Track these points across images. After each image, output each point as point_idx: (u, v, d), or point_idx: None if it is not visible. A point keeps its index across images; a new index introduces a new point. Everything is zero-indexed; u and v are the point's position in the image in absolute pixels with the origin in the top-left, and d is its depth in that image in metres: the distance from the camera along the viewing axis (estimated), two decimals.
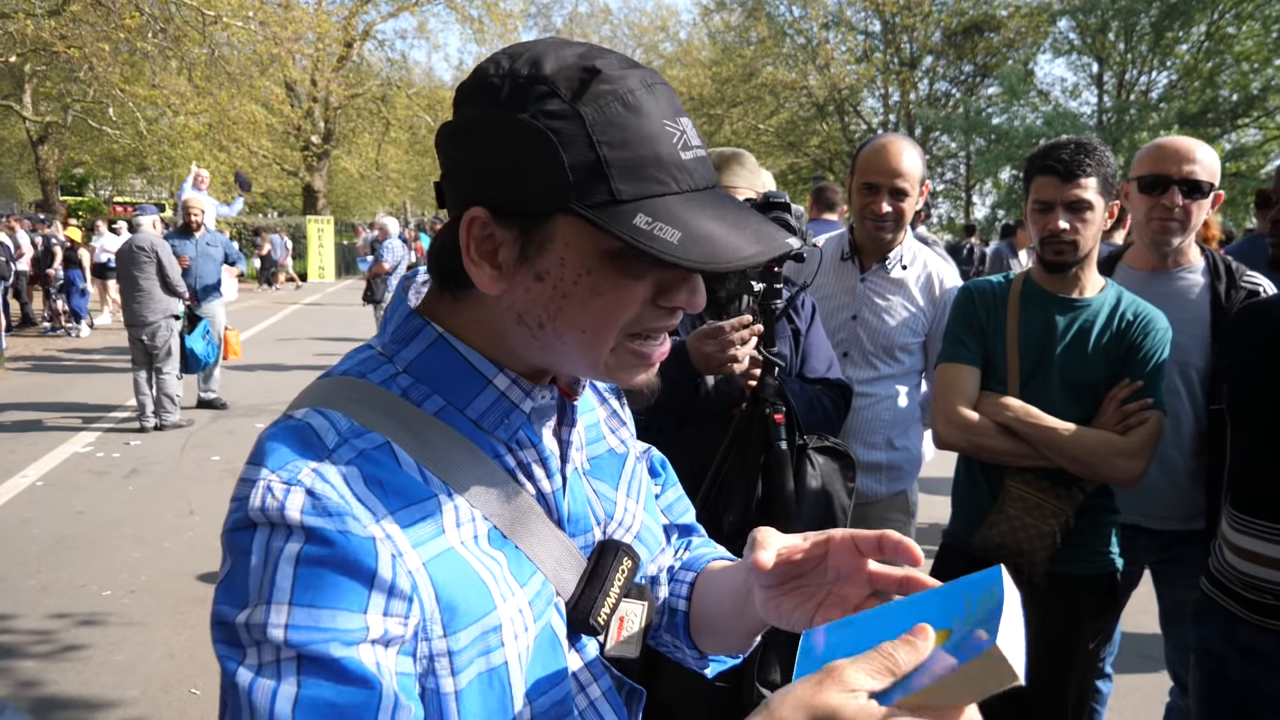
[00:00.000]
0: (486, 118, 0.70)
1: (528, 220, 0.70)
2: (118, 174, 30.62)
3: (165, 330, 7.10)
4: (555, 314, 0.72)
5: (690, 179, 0.70)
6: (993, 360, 2.04)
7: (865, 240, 2.48)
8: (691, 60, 32.22)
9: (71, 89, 18.93)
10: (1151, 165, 2.20)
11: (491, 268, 0.72)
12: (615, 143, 0.67)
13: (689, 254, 0.65)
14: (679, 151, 0.69)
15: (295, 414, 0.74)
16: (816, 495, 1.89)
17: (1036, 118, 22.96)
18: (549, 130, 0.67)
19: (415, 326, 0.78)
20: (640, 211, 0.66)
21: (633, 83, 0.69)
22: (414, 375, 0.77)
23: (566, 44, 0.72)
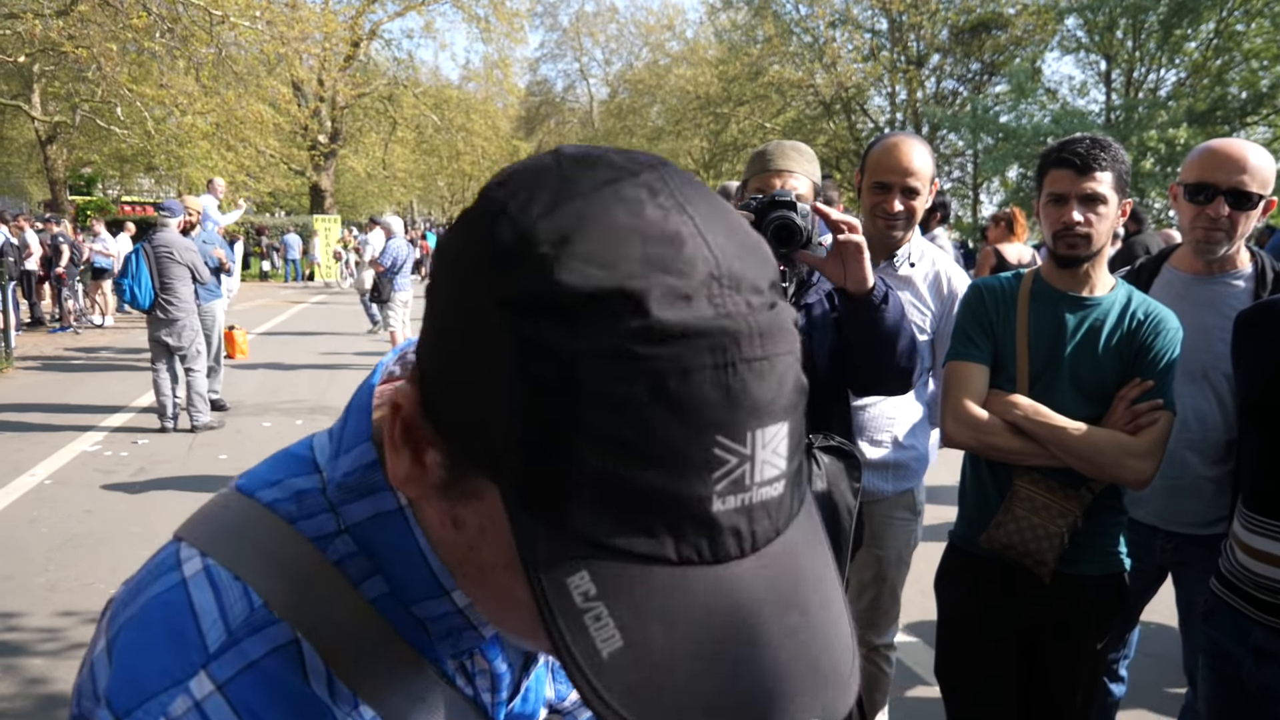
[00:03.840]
0: (465, 283, 0.45)
1: (458, 452, 0.47)
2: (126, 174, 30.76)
3: (191, 329, 7.12)
4: (465, 577, 0.53)
5: (709, 547, 0.42)
6: (1002, 358, 2.03)
7: (873, 238, 2.47)
8: (698, 59, 32.23)
9: (79, 89, 19.01)
10: (1200, 172, 2.13)
11: (413, 463, 0.49)
12: (605, 442, 0.40)
13: (612, 693, 0.39)
14: (713, 498, 0.41)
15: (182, 559, 0.54)
16: (821, 494, 1.88)
17: (1044, 116, 22.90)
18: (522, 367, 0.41)
19: (375, 482, 0.56)
20: (587, 569, 0.41)
21: (695, 356, 0.40)
22: (356, 542, 0.56)
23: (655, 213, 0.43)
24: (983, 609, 2.07)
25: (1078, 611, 2.00)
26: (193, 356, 7.11)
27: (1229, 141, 2.16)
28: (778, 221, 1.81)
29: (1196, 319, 2.18)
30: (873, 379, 2.07)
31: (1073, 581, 1.98)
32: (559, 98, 44.09)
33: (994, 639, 2.05)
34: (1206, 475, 2.20)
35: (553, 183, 0.44)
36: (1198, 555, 2.24)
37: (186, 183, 20.99)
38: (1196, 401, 2.18)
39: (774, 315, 0.43)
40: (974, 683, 2.09)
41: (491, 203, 0.45)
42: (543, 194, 0.44)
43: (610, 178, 0.44)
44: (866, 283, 1.87)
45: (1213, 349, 2.17)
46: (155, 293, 6.94)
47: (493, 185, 0.47)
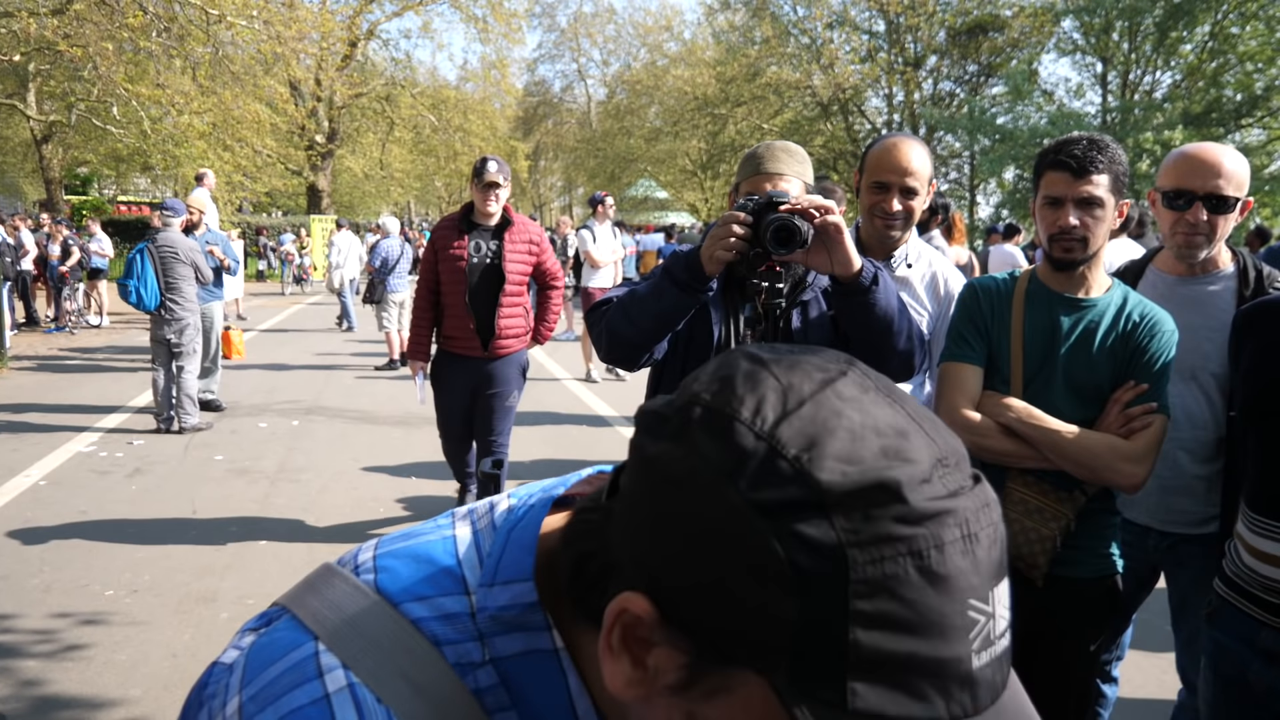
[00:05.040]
0: (709, 490, 0.46)
1: (707, 652, 0.47)
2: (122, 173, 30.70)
3: (193, 329, 7.11)
4: None
5: (971, 701, 0.45)
6: (996, 359, 2.03)
7: (871, 238, 2.47)
8: (696, 60, 32.23)
9: (75, 88, 18.96)
10: (1176, 178, 2.15)
11: (634, 666, 0.50)
12: (880, 622, 0.43)
13: None
14: (972, 655, 0.44)
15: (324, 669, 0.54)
16: None
17: (1041, 117, 22.94)
18: (791, 564, 0.43)
19: (533, 622, 0.57)
20: None
21: (947, 531, 0.44)
22: (498, 674, 0.56)
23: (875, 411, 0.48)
24: None
25: (1070, 614, 2.00)
26: (187, 355, 7.10)
27: (1204, 146, 2.17)
28: (777, 223, 1.81)
29: (1182, 319, 2.18)
30: (875, 367, 2.06)
31: (1066, 584, 1.98)
32: (557, 98, 44.06)
33: None
34: (1198, 474, 2.22)
35: (773, 387, 0.48)
36: (1192, 554, 2.25)
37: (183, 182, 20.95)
38: (1185, 401, 2.19)
39: (984, 488, 0.48)
40: None
41: (716, 415, 0.47)
42: (770, 399, 0.47)
43: (824, 379, 0.49)
44: (853, 265, 1.87)
45: (1200, 349, 2.18)
46: (160, 293, 6.93)
47: (701, 394, 0.49)
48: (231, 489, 5.60)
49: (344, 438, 7.03)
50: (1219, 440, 2.19)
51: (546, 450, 6.56)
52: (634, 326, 2.00)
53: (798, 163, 2.15)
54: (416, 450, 6.43)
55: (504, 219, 4.38)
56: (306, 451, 6.57)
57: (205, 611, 3.86)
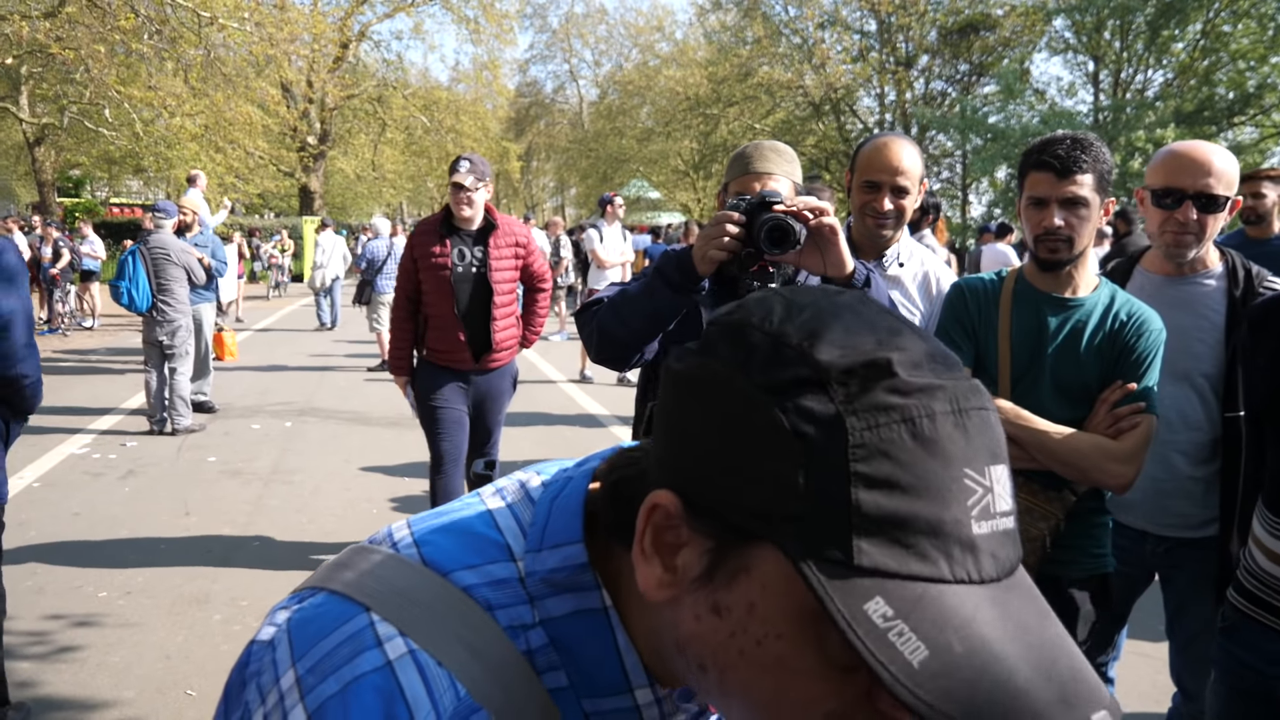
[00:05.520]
0: (727, 382, 0.51)
1: (727, 533, 0.51)
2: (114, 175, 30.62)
3: (185, 331, 7.09)
4: (725, 668, 0.53)
5: (974, 566, 0.47)
6: (984, 359, 2.04)
7: (862, 238, 2.48)
8: (687, 60, 32.25)
9: (68, 90, 18.91)
10: (1165, 176, 2.13)
11: (664, 569, 0.54)
12: (879, 482, 0.46)
13: (932, 694, 0.43)
14: (971, 520, 0.47)
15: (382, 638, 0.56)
16: None
17: (1033, 116, 22.99)
18: (796, 434, 0.48)
19: (583, 582, 0.60)
20: (880, 594, 0.45)
21: (938, 403, 0.48)
22: (549, 634, 0.59)
23: (866, 316, 0.52)
24: None
25: (1061, 615, 2.01)
26: (179, 357, 7.09)
27: (1194, 145, 2.15)
28: (771, 223, 1.80)
29: (1172, 320, 2.16)
30: None
31: (1056, 584, 1.98)
32: (549, 99, 44.01)
33: None
34: (1194, 475, 2.20)
35: (780, 301, 0.54)
36: (1189, 558, 2.23)
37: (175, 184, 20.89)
38: (1179, 402, 2.18)
39: (977, 383, 0.52)
40: None
41: (730, 325, 0.54)
42: (777, 308, 0.53)
43: (826, 293, 0.55)
44: (846, 266, 1.87)
45: (1191, 349, 2.17)
46: (152, 295, 6.92)
47: (719, 317, 0.55)
48: (225, 490, 5.60)
49: (337, 439, 7.03)
50: (1214, 441, 2.18)
51: (539, 451, 6.56)
52: (625, 326, 2.00)
53: (786, 162, 2.16)
54: (409, 451, 6.43)
55: (487, 223, 4.03)
56: (299, 453, 6.57)
57: (198, 613, 3.85)
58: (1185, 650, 2.31)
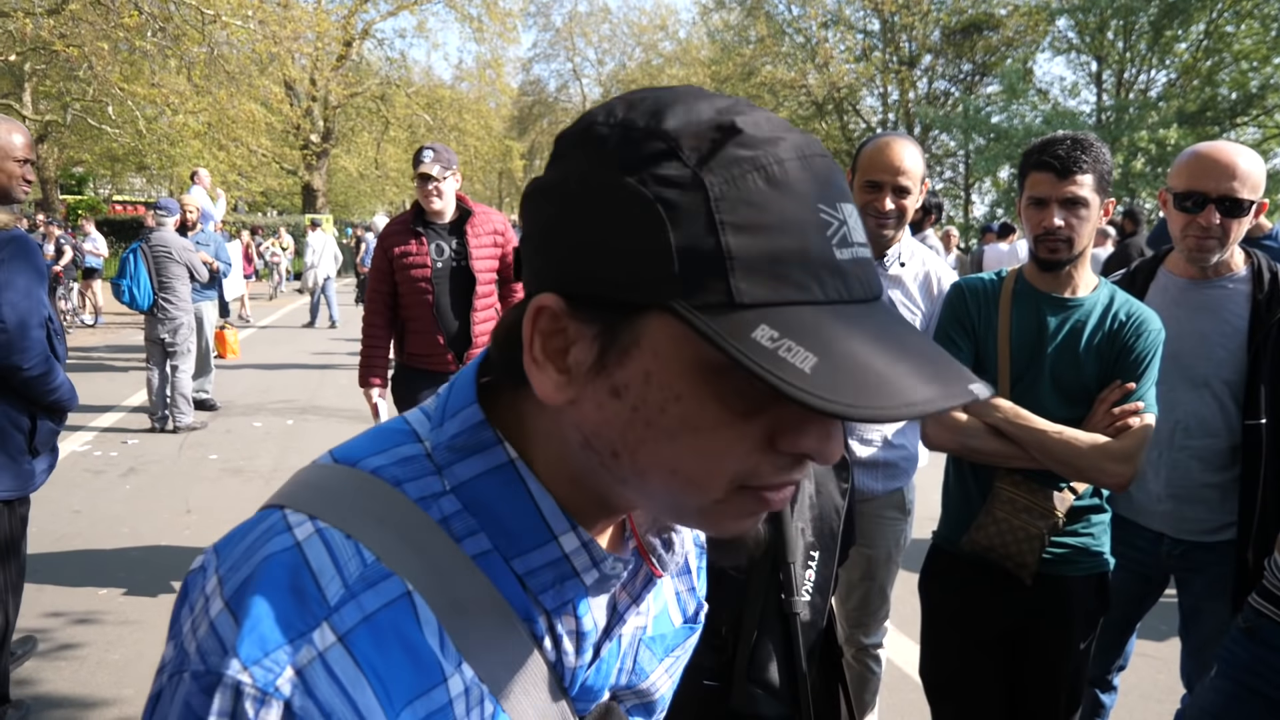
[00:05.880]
0: (582, 175, 0.54)
1: (611, 315, 0.53)
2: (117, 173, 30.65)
3: (187, 328, 7.11)
4: (635, 445, 0.55)
5: (843, 286, 0.51)
6: (983, 359, 2.04)
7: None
8: (691, 59, 32.25)
9: (71, 88, 18.92)
10: (1189, 180, 2.09)
11: (558, 371, 0.56)
12: (744, 226, 0.50)
13: (826, 391, 0.47)
14: (832, 248, 0.51)
15: (291, 524, 0.57)
16: (810, 496, 1.89)
17: (1036, 116, 23.00)
18: (659, 200, 0.50)
19: (484, 440, 0.61)
20: (764, 322, 0.49)
21: (782, 150, 0.52)
22: (462, 500, 0.60)
23: (706, 96, 0.55)
24: (966, 610, 2.08)
25: (1060, 613, 2.01)
26: (181, 355, 7.09)
27: (1218, 146, 2.11)
28: None
29: (1195, 325, 2.16)
30: None
31: (1055, 582, 1.99)
32: (552, 98, 44.01)
33: (977, 639, 2.07)
34: (1211, 482, 2.18)
35: (619, 100, 0.56)
36: (1206, 561, 2.21)
37: (178, 182, 20.93)
38: (1198, 408, 2.16)
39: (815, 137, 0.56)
40: (957, 683, 2.11)
41: (578, 131, 0.56)
42: (618, 106, 0.55)
43: (663, 88, 0.57)
44: None
45: (1213, 355, 2.14)
46: (154, 293, 6.93)
47: (565, 130, 0.58)
48: (226, 488, 5.60)
49: (339, 437, 7.03)
50: (1233, 448, 2.15)
51: None
52: None
53: None
54: None
55: (462, 211, 3.80)
56: (301, 451, 6.57)
57: None
58: (1198, 653, 2.30)
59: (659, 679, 0.76)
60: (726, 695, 1.78)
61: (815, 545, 1.87)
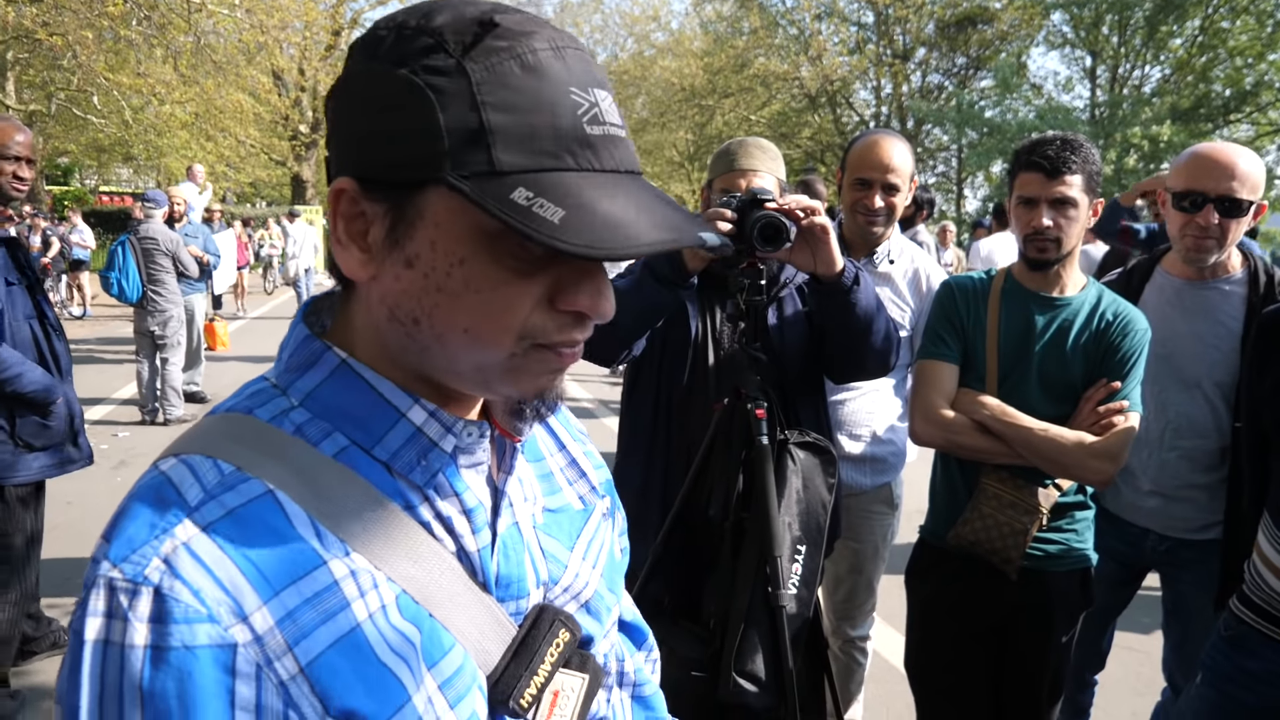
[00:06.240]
0: (364, 73, 0.62)
1: (397, 193, 0.61)
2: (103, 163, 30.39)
3: (176, 321, 7.08)
4: (430, 309, 0.62)
5: (594, 157, 0.60)
6: (972, 357, 2.05)
7: (854, 235, 2.49)
8: (683, 50, 32.12)
9: (55, 77, 18.76)
10: (1188, 179, 2.08)
11: (360, 250, 0.63)
12: (503, 106, 0.58)
13: (570, 236, 0.55)
14: (583, 124, 0.59)
15: (160, 464, 0.62)
16: (797, 490, 1.91)
17: (1029, 111, 23.04)
18: (427, 87, 0.58)
19: (314, 351, 0.67)
20: (521, 185, 0.57)
21: (536, 42, 0.59)
22: (311, 410, 0.65)
23: (473, 2, 0.62)
24: (951, 604, 2.10)
25: (1043, 607, 2.03)
26: (171, 347, 7.07)
27: (1218, 146, 2.10)
28: (764, 221, 1.80)
29: (1190, 326, 2.16)
30: (853, 364, 2.08)
31: (1039, 578, 2.01)
32: None
33: (962, 633, 2.09)
34: (1199, 482, 2.19)
35: (401, 9, 0.63)
36: (1190, 559, 2.23)
37: (165, 173, 20.79)
38: (1189, 409, 2.17)
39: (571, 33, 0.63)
40: (942, 676, 2.13)
41: (363, 38, 0.64)
42: (398, 12, 0.63)
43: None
44: (836, 265, 1.88)
45: (1206, 356, 2.15)
46: (143, 285, 6.89)
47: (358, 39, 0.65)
48: None
49: None
50: (1222, 449, 2.16)
51: None
52: (612, 322, 2.00)
53: (770, 159, 2.16)
54: None
55: None
56: None
57: None
58: (1180, 649, 2.32)
59: (580, 570, 0.78)
60: (714, 686, 1.80)
61: (802, 539, 1.88)
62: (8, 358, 2.85)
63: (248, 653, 0.55)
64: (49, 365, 3.07)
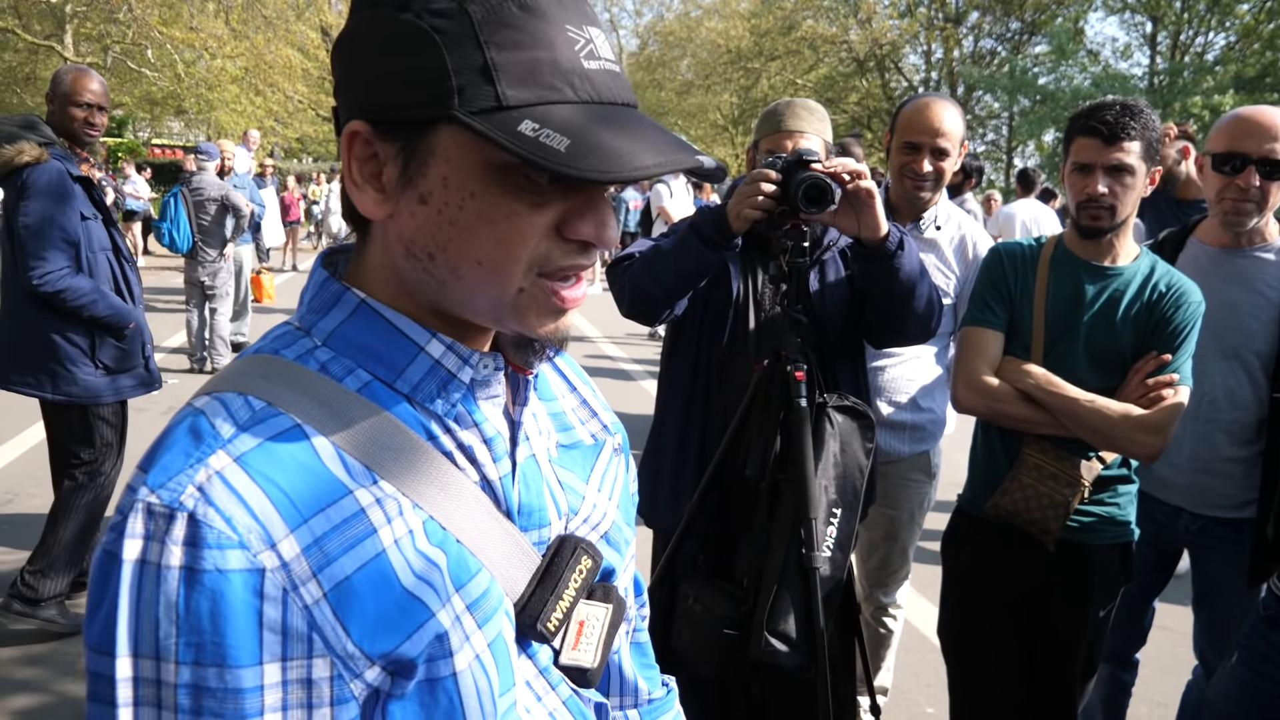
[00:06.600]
0: (370, 19, 0.64)
1: (409, 132, 0.63)
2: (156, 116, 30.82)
3: (226, 272, 7.24)
4: (445, 244, 0.65)
5: (593, 89, 0.63)
6: (1018, 325, 2.02)
7: (900, 200, 2.46)
8: (730, 12, 31.59)
9: (111, 30, 18.99)
10: (1228, 140, 2.07)
11: (375, 190, 0.66)
12: (505, 44, 0.61)
13: (577, 162, 0.58)
14: (581, 59, 0.63)
15: (194, 401, 0.65)
16: (834, 454, 1.91)
17: (1085, 78, 22.37)
18: (432, 30, 0.61)
19: (334, 293, 0.70)
20: (528, 118, 0.60)
21: None
22: (334, 348, 0.68)
23: None
24: (986, 573, 2.10)
25: (1081, 580, 2.02)
26: (220, 297, 7.23)
27: (1259, 109, 2.09)
28: (808, 182, 1.79)
29: (1226, 295, 2.12)
30: (893, 329, 2.08)
31: (1078, 550, 1.99)
32: None
33: (997, 602, 2.08)
34: (1235, 456, 2.16)
35: None
36: (1222, 537, 2.20)
37: (215, 126, 21.01)
38: (1226, 380, 2.14)
39: None
40: (974, 645, 2.13)
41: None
42: None
43: None
44: (880, 230, 1.87)
45: (1244, 326, 2.11)
46: (193, 236, 7.02)
47: None
48: None
49: None
50: (1259, 422, 2.13)
51: None
52: (657, 281, 2.01)
53: (818, 120, 2.14)
54: None
55: None
56: None
57: None
58: (1210, 630, 2.30)
59: (598, 501, 0.82)
60: (746, 645, 1.82)
61: (838, 502, 1.89)
62: (82, 285, 3.11)
63: (275, 577, 0.58)
64: (123, 294, 3.32)
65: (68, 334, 3.14)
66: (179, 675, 0.57)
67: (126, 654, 0.57)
